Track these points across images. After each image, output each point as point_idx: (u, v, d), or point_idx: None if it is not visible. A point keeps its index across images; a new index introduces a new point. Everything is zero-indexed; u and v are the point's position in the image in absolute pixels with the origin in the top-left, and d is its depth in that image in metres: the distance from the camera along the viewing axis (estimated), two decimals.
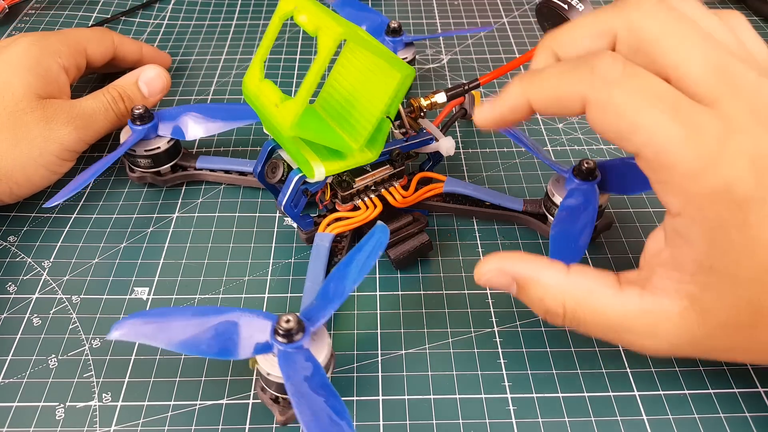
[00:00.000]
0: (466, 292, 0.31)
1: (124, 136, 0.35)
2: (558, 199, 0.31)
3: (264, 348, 0.23)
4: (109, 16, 0.52)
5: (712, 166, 0.19)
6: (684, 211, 0.20)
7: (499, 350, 0.29)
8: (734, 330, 0.21)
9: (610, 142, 0.22)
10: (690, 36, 0.21)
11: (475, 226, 0.34)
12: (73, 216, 0.35)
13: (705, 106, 0.20)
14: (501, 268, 0.24)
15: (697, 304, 0.21)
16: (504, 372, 0.28)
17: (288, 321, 0.23)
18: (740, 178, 0.19)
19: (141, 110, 0.34)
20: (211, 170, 0.36)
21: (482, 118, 0.25)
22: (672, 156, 0.19)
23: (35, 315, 0.30)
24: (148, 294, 0.31)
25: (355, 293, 0.31)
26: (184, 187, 0.37)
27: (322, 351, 0.24)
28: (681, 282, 0.21)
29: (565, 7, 0.32)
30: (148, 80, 0.38)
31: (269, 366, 0.24)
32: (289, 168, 0.30)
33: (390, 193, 0.32)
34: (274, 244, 0.33)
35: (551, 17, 0.33)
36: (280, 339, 0.23)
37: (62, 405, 0.26)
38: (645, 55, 0.21)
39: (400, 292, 0.31)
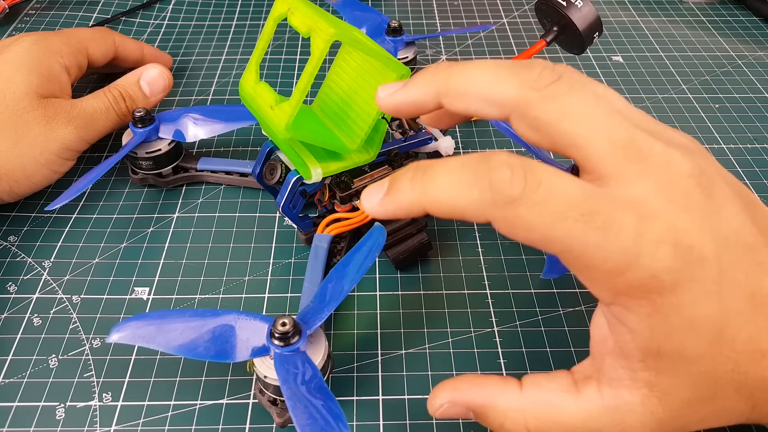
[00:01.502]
0: (466, 292, 0.31)
1: (126, 138, 0.35)
2: None
3: (261, 351, 0.23)
4: (109, 16, 0.52)
5: (634, 261, 0.18)
6: (617, 302, 0.20)
7: (499, 350, 0.29)
8: (698, 404, 0.20)
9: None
10: (591, 114, 0.20)
11: (475, 226, 0.34)
12: (74, 216, 0.35)
13: (614, 196, 0.19)
14: (453, 400, 0.23)
15: (656, 389, 0.20)
16: (504, 372, 0.28)
17: (284, 324, 0.23)
18: (665, 266, 0.18)
19: (142, 113, 0.34)
20: (213, 171, 0.37)
21: (371, 206, 0.22)
22: (591, 260, 0.19)
23: (35, 315, 0.30)
24: (149, 294, 0.31)
25: (355, 293, 0.31)
26: (184, 188, 0.37)
27: (318, 353, 0.24)
28: (633, 370, 0.20)
29: (564, 4, 0.31)
30: (150, 80, 0.38)
31: (266, 369, 0.24)
32: (287, 169, 0.30)
33: None
34: (274, 244, 0.33)
35: (551, 14, 0.33)
36: (276, 342, 0.23)
37: (62, 405, 0.26)
38: (545, 135, 0.21)
39: (400, 292, 0.31)
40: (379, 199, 0.22)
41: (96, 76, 0.45)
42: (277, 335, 0.23)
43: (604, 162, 0.19)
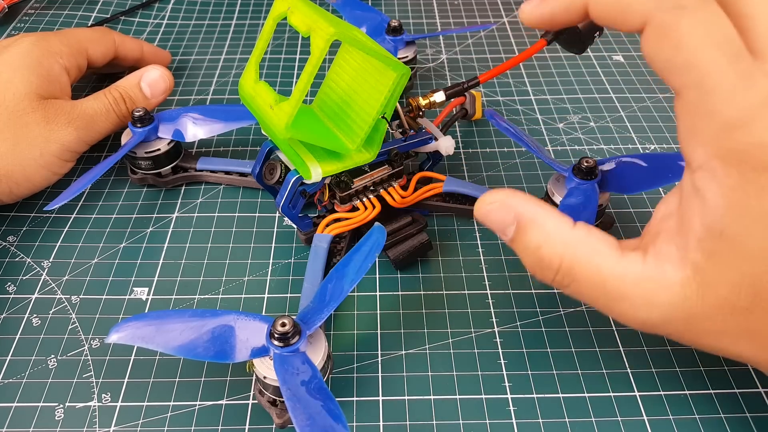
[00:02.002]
0: (466, 292, 0.31)
1: (125, 138, 0.35)
2: (558, 198, 0.31)
3: (260, 351, 0.23)
4: (108, 16, 0.52)
5: (751, 122, 0.18)
6: (707, 165, 0.19)
7: (500, 350, 0.28)
8: (730, 312, 0.20)
9: (654, 71, 0.21)
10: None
11: (475, 226, 0.34)
12: (73, 216, 0.35)
13: (762, 62, 0.19)
14: (506, 202, 0.23)
15: (700, 275, 0.20)
16: (504, 372, 0.28)
17: (284, 324, 0.23)
18: None
19: (141, 112, 0.34)
20: (212, 171, 0.36)
21: (529, 14, 0.23)
22: (717, 102, 0.18)
23: (35, 315, 0.30)
24: (148, 294, 0.31)
25: (355, 293, 0.31)
26: (183, 188, 0.37)
27: (318, 354, 0.24)
28: (687, 249, 0.20)
29: None
30: (151, 81, 0.38)
31: (266, 369, 0.24)
32: (287, 169, 0.30)
33: (389, 193, 0.32)
34: (273, 244, 0.33)
35: None
36: (275, 342, 0.23)
37: (62, 405, 0.26)
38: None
39: (400, 292, 0.31)
40: (534, 5, 0.22)
41: (96, 76, 0.45)
42: (276, 336, 0.23)
43: (762, 39, 0.19)
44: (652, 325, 0.21)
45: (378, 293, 0.31)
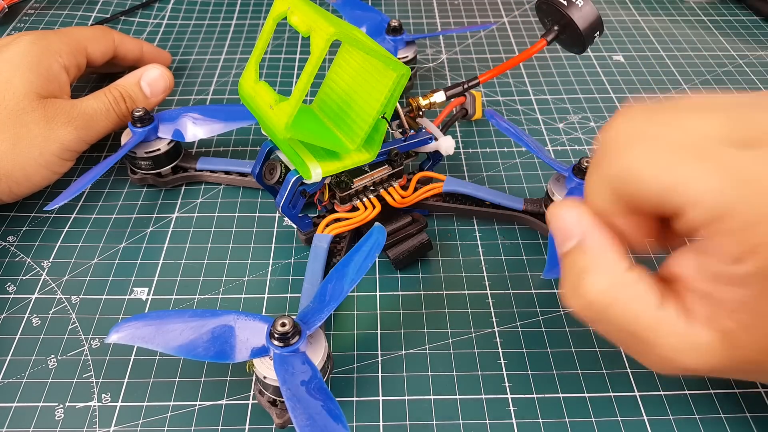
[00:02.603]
0: (466, 292, 0.31)
1: (125, 138, 0.35)
2: (558, 198, 0.31)
3: (260, 351, 0.23)
4: (108, 16, 0.52)
5: None
6: (744, 258, 0.18)
7: (500, 350, 0.28)
8: (754, 366, 0.20)
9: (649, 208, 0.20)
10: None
11: (475, 226, 0.34)
12: (73, 216, 0.35)
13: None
14: (580, 217, 0.22)
15: (729, 339, 0.20)
16: (504, 372, 0.28)
17: (284, 324, 0.23)
18: None
19: (141, 112, 0.34)
20: (212, 171, 0.36)
21: None
22: (726, 206, 0.18)
23: (35, 315, 0.30)
24: (148, 294, 0.31)
25: (355, 293, 0.31)
26: (183, 188, 0.37)
27: (318, 354, 0.24)
28: (720, 316, 0.20)
29: (565, 3, 0.31)
30: (151, 80, 0.37)
31: (266, 369, 0.23)
32: (287, 169, 0.30)
33: (389, 193, 0.32)
34: (273, 245, 0.33)
35: (551, 13, 0.33)
36: (275, 342, 0.23)
37: (62, 405, 0.26)
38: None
39: (400, 293, 0.31)
40: None
41: (95, 76, 0.45)
42: (276, 336, 0.23)
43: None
44: (679, 372, 0.21)
45: (378, 293, 0.31)
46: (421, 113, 0.33)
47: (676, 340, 0.20)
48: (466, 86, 0.33)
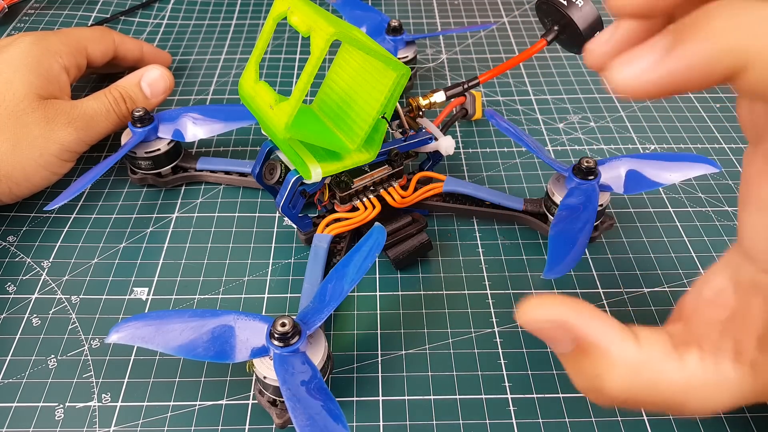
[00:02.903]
0: (466, 292, 0.31)
1: (125, 138, 0.35)
2: (558, 198, 0.31)
3: (260, 351, 0.23)
4: (108, 16, 0.52)
5: None
6: None
7: (500, 351, 0.28)
8: None
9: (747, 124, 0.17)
10: None
11: (475, 226, 0.34)
12: (73, 216, 0.35)
13: None
14: (564, 323, 0.19)
15: (756, 368, 0.19)
16: (504, 372, 0.28)
17: (284, 324, 0.23)
18: None
19: (141, 112, 0.34)
20: (212, 171, 0.36)
21: (632, 76, 0.15)
22: None
23: (35, 315, 0.30)
24: (148, 294, 0.31)
25: (355, 293, 0.31)
26: (183, 188, 0.37)
27: (318, 354, 0.24)
28: (746, 347, 0.19)
29: (565, 3, 0.31)
30: (151, 81, 0.37)
31: (266, 369, 0.23)
32: (287, 169, 0.30)
33: (389, 193, 0.32)
34: (273, 244, 0.33)
35: (551, 13, 0.33)
36: (275, 342, 0.23)
37: (62, 405, 0.26)
38: None
39: (400, 293, 0.31)
40: (652, 62, 0.15)
41: (95, 76, 0.45)
42: (276, 336, 0.23)
43: None
44: (711, 414, 0.20)
45: (378, 293, 0.31)
46: (421, 113, 0.33)
47: (706, 390, 0.19)
48: (466, 86, 0.33)
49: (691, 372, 0.19)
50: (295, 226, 0.34)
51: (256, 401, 0.26)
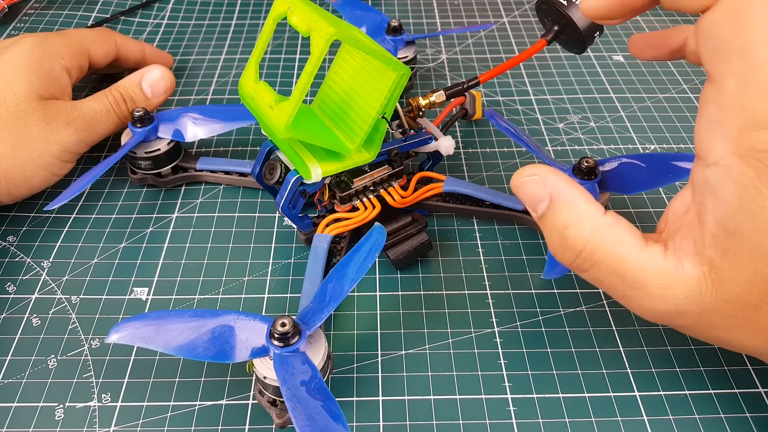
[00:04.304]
0: (466, 292, 0.31)
1: (125, 138, 0.35)
2: None
3: (260, 351, 0.23)
4: (108, 16, 0.52)
5: None
6: (724, 161, 0.19)
7: (500, 350, 0.28)
8: (741, 308, 0.20)
9: (696, 57, 0.21)
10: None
11: (475, 226, 0.34)
12: (73, 216, 0.35)
13: None
14: (544, 178, 0.23)
15: (715, 271, 0.20)
16: (504, 372, 0.28)
17: (284, 324, 0.23)
18: None
19: (141, 112, 0.34)
20: (212, 171, 0.36)
21: (592, 6, 0.23)
22: (754, 97, 0.18)
23: (34, 315, 0.30)
24: (148, 294, 0.31)
25: (355, 293, 0.31)
26: (183, 188, 0.37)
27: (318, 354, 0.24)
28: (703, 245, 0.20)
29: (565, 3, 0.31)
30: (152, 82, 0.37)
31: (266, 369, 0.23)
32: (287, 169, 0.30)
33: (389, 193, 0.32)
34: (273, 245, 0.33)
35: (551, 13, 0.33)
36: (275, 342, 0.23)
37: (62, 405, 0.26)
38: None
39: (400, 293, 0.31)
40: None
41: (95, 76, 0.45)
42: (276, 336, 0.23)
43: None
44: (666, 316, 0.21)
45: (378, 293, 0.31)
46: (421, 113, 0.33)
47: (665, 277, 0.21)
48: (466, 86, 0.33)
49: (650, 257, 0.21)
50: (295, 226, 0.34)
51: (256, 401, 0.26)
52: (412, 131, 0.32)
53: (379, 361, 0.28)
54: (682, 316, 0.21)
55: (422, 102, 0.32)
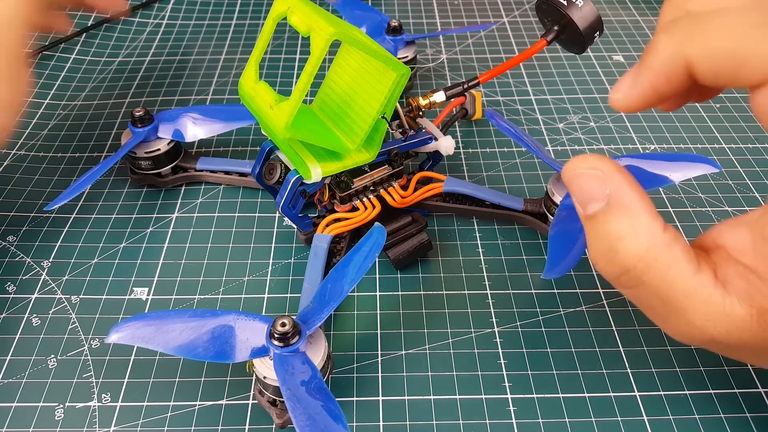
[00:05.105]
0: (466, 292, 0.31)
1: (125, 138, 0.35)
2: (558, 199, 0.31)
3: (260, 351, 0.23)
4: (108, 16, 0.52)
5: None
6: None
7: (500, 350, 0.28)
8: None
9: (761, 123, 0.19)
10: None
11: (475, 226, 0.34)
12: (73, 216, 0.35)
13: None
14: (606, 176, 0.20)
15: (764, 317, 0.19)
16: (504, 372, 0.28)
17: (284, 324, 0.23)
18: None
19: (141, 112, 0.34)
20: (212, 171, 0.36)
21: (622, 101, 0.20)
22: None
23: (34, 315, 0.30)
24: (148, 294, 0.31)
25: (355, 293, 0.31)
26: (183, 188, 0.37)
27: (318, 354, 0.24)
28: (759, 292, 0.19)
29: (565, 3, 0.31)
30: None
31: (266, 369, 0.24)
32: (287, 169, 0.30)
33: (389, 193, 0.32)
34: (273, 245, 0.33)
35: (551, 13, 0.33)
36: (275, 342, 0.23)
37: (62, 405, 0.26)
38: None
39: (400, 293, 0.31)
40: (631, 77, 0.19)
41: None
42: (276, 336, 0.23)
43: None
44: (699, 341, 0.20)
45: (378, 293, 0.31)
46: (421, 113, 0.33)
47: (711, 308, 0.19)
48: (466, 86, 0.33)
49: (702, 283, 0.19)
50: (295, 226, 0.34)
51: (256, 401, 0.26)
52: (412, 131, 0.32)
53: (379, 361, 0.28)
54: (716, 344, 0.20)
55: (422, 102, 0.32)
